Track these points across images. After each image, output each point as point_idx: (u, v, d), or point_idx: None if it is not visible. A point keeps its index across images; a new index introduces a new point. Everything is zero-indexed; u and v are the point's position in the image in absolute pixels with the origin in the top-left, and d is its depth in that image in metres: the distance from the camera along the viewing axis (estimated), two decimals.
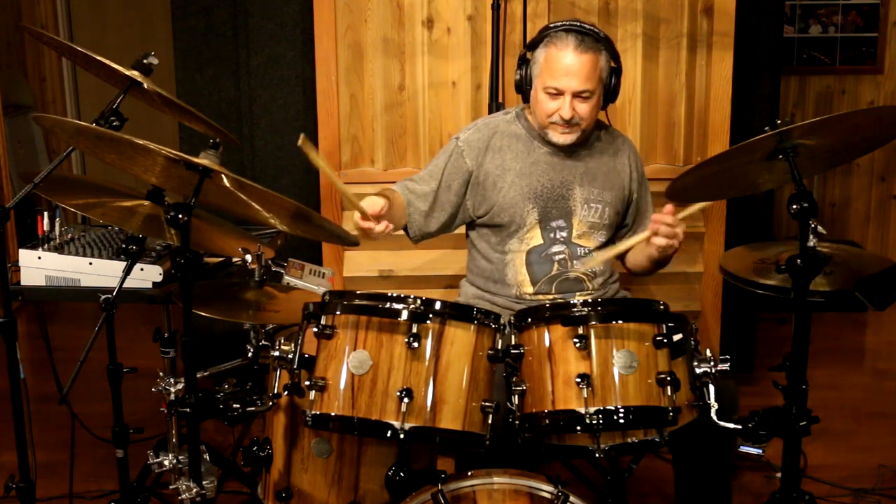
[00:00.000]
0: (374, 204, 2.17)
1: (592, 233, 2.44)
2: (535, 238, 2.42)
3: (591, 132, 2.45)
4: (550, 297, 2.40)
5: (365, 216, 2.14)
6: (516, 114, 2.50)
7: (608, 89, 2.38)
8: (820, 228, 1.83)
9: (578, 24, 2.33)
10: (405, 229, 2.46)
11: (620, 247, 2.33)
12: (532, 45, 2.39)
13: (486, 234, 2.48)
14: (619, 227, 2.52)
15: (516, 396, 1.90)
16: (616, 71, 2.39)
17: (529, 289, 2.42)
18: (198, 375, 1.96)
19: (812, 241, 1.80)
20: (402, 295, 1.84)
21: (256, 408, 1.91)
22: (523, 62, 2.42)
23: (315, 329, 1.88)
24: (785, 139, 1.81)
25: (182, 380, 2.23)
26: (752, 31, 3.41)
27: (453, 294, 2.68)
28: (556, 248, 2.42)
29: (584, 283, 2.42)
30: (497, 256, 2.45)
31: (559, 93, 2.31)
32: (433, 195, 2.44)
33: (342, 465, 2.05)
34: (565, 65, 2.29)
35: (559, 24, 2.34)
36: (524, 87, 2.42)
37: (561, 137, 2.37)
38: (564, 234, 2.42)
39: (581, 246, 2.42)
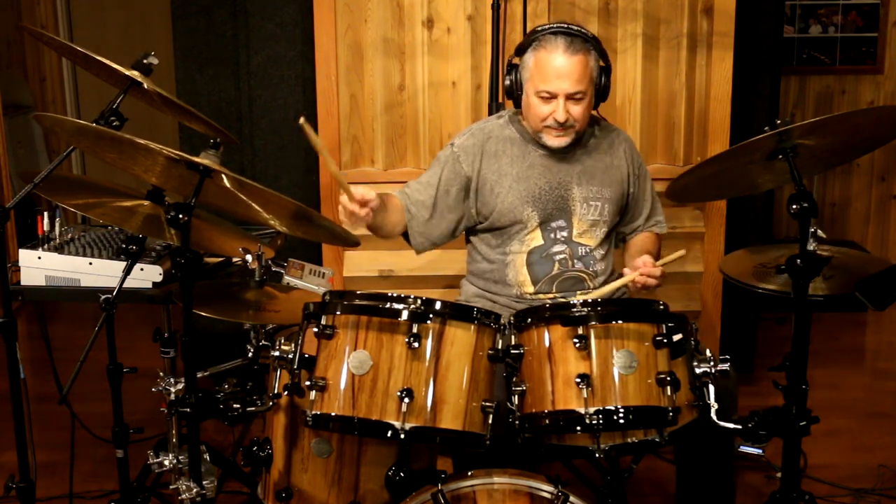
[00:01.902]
0: (365, 192, 2.16)
1: (593, 230, 2.44)
2: (536, 239, 2.42)
3: (585, 130, 2.45)
4: (551, 296, 2.41)
5: (352, 198, 2.13)
6: (509, 117, 2.49)
7: (599, 89, 2.38)
8: (819, 232, 1.83)
9: (566, 25, 2.32)
10: (407, 239, 2.47)
11: (603, 290, 2.34)
12: (520, 50, 2.39)
13: (487, 237, 2.48)
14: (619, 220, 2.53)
15: (516, 396, 1.90)
16: (606, 70, 2.39)
17: (530, 288, 2.42)
18: (198, 375, 1.96)
19: (812, 245, 1.80)
20: (403, 295, 1.84)
21: (256, 408, 1.91)
22: (512, 68, 2.41)
23: (315, 329, 1.88)
24: (785, 139, 1.82)
25: (182, 380, 2.23)
26: (752, 31, 3.41)
27: (453, 294, 2.68)
28: (557, 248, 2.42)
29: (584, 283, 2.42)
30: (498, 258, 2.45)
31: (552, 96, 2.31)
32: (432, 202, 2.44)
33: (342, 465, 2.05)
34: (556, 67, 2.29)
35: (546, 27, 2.34)
36: (515, 93, 2.42)
37: (555, 141, 2.37)
38: (565, 233, 2.42)
39: (582, 245, 2.43)
